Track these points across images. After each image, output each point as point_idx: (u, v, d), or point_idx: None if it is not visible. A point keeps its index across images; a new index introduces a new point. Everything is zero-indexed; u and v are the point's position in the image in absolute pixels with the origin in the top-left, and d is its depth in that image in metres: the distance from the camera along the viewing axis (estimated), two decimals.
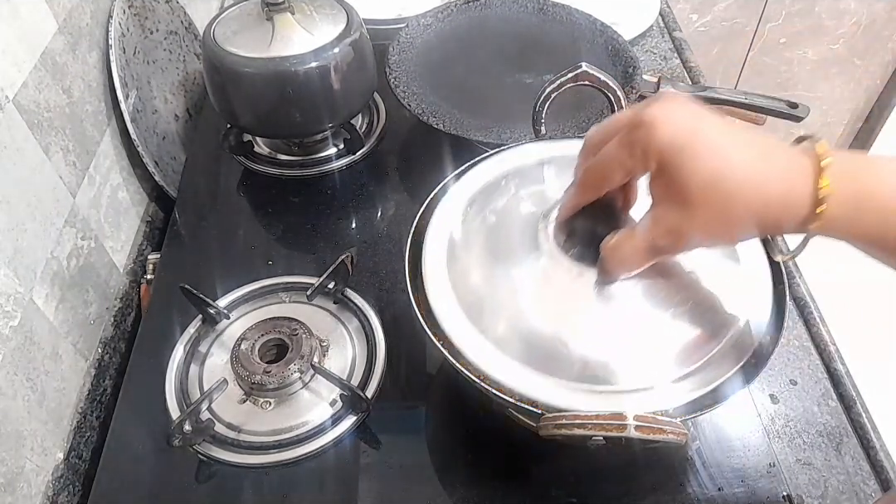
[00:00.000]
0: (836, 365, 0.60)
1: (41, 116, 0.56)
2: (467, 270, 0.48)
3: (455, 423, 0.56)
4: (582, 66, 0.52)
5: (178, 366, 0.57)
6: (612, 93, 0.53)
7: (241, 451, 0.53)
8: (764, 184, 0.36)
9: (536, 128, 0.56)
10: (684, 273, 0.45)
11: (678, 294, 0.44)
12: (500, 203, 0.51)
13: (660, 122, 0.36)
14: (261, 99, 0.67)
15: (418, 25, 0.83)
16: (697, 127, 0.36)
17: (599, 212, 0.43)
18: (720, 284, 0.46)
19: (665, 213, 0.38)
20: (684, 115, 0.37)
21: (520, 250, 0.46)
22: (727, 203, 0.36)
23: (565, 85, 0.52)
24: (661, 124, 0.36)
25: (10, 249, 0.51)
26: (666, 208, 0.38)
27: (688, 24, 1.63)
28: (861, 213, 0.35)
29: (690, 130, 0.36)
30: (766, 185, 0.36)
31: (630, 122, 0.37)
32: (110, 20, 0.69)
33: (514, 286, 0.46)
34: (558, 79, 0.52)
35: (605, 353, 0.43)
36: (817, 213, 0.35)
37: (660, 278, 0.44)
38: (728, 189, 0.36)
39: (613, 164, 0.39)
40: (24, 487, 0.51)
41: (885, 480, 0.53)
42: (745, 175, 0.36)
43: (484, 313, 0.45)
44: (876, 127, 1.88)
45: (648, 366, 0.43)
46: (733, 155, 0.36)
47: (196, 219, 0.72)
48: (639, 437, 0.36)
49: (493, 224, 0.49)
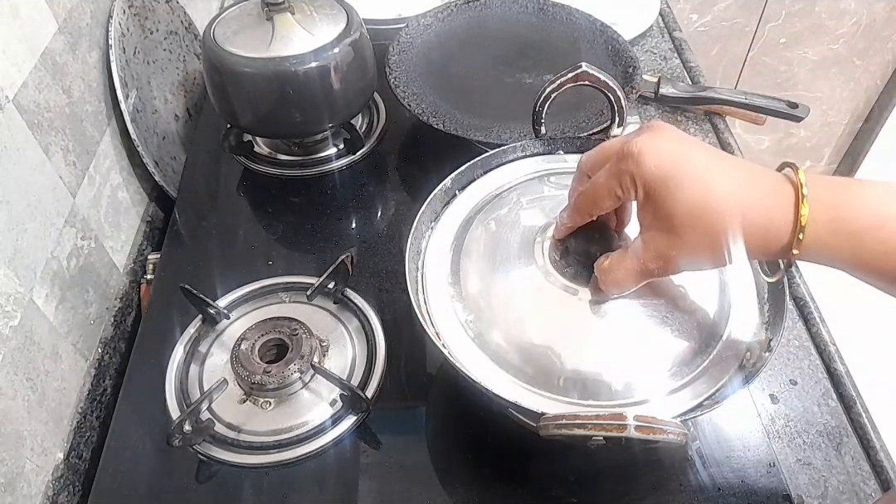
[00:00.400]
0: (836, 365, 0.60)
1: (41, 116, 0.56)
2: (466, 280, 0.49)
3: (455, 423, 0.56)
4: (582, 66, 0.52)
5: (178, 366, 0.57)
6: (611, 93, 0.53)
7: (241, 451, 0.53)
8: (746, 213, 0.37)
9: (536, 127, 0.56)
10: (675, 284, 0.46)
11: (670, 305, 0.45)
12: (500, 213, 0.52)
13: (646, 153, 0.38)
14: (261, 99, 0.67)
15: (418, 25, 0.83)
16: (682, 157, 0.38)
17: (593, 232, 0.45)
18: (712, 292, 0.47)
19: (653, 238, 0.40)
20: (670, 145, 0.38)
21: (517, 264, 0.48)
22: (710, 230, 0.37)
23: (565, 85, 0.52)
24: (646, 155, 0.38)
25: (9, 249, 0.51)
26: (654, 234, 0.40)
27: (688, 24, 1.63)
28: (840, 240, 0.36)
29: (675, 161, 0.38)
30: (748, 214, 0.37)
31: (619, 153, 0.39)
32: (110, 20, 0.69)
33: (510, 301, 0.47)
34: (558, 79, 0.52)
35: (599, 367, 0.44)
36: (798, 239, 0.36)
37: (651, 292, 0.45)
38: (711, 218, 0.37)
39: (602, 192, 0.41)
40: (24, 487, 0.51)
41: (885, 480, 0.53)
42: (727, 204, 0.37)
43: (481, 326, 0.46)
44: (876, 127, 1.88)
45: (642, 379, 0.44)
46: (716, 184, 0.37)
47: (196, 219, 0.72)
48: (639, 437, 0.36)
49: (493, 235, 0.50)
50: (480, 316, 0.47)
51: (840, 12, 1.65)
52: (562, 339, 0.45)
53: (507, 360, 0.45)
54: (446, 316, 0.47)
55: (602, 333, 0.45)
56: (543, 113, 0.55)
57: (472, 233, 0.51)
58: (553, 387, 0.44)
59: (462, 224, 0.53)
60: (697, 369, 0.44)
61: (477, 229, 0.51)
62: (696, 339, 0.45)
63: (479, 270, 0.49)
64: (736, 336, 0.46)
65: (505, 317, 0.46)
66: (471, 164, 0.55)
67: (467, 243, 0.51)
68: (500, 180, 0.56)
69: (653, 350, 0.44)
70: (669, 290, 0.46)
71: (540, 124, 0.56)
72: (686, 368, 0.44)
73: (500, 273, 0.48)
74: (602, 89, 0.53)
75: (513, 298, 0.47)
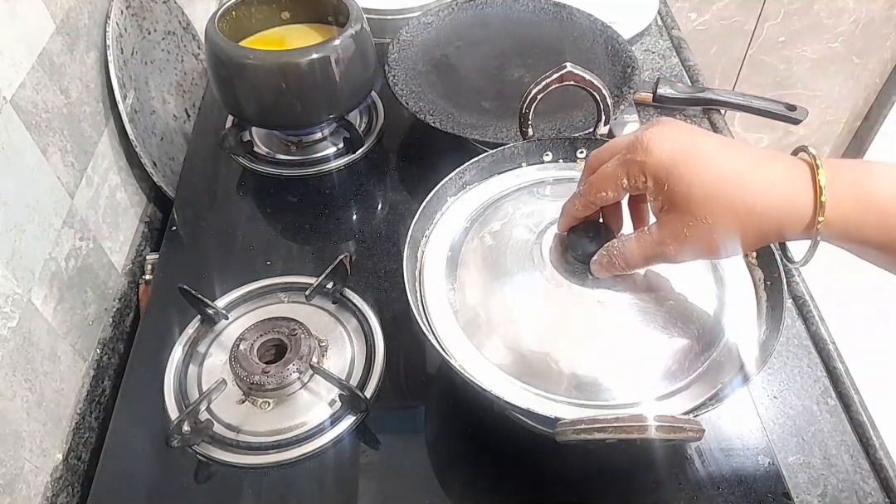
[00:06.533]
0: (835, 363, 0.60)
1: (39, 117, 0.56)
2: (464, 283, 0.49)
3: (454, 423, 0.56)
4: (567, 66, 0.51)
5: (177, 366, 0.57)
6: (597, 92, 0.53)
7: (240, 451, 0.52)
8: (765, 191, 0.37)
9: (523, 129, 0.56)
10: (673, 286, 0.46)
11: (670, 308, 0.45)
12: (498, 217, 0.52)
13: (656, 142, 0.38)
14: (264, 90, 0.68)
15: (419, 24, 0.83)
16: (693, 144, 0.38)
17: (596, 230, 0.45)
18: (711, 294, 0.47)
19: (671, 220, 0.39)
20: (680, 135, 0.38)
21: (515, 265, 0.48)
22: (729, 210, 0.37)
23: (551, 86, 0.52)
24: (657, 143, 0.38)
25: (8, 250, 0.51)
26: (671, 217, 0.39)
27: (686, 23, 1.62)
28: (862, 218, 0.36)
29: (686, 147, 0.38)
30: (767, 193, 0.37)
31: (628, 145, 0.40)
32: (108, 20, 0.69)
33: (508, 301, 0.47)
34: (543, 80, 0.52)
35: (599, 366, 0.44)
36: (819, 219, 0.36)
37: (652, 294, 0.45)
38: (730, 196, 0.37)
39: (609, 181, 0.41)
40: (23, 489, 0.51)
41: (884, 479, 0.53)
42: (746, 183, 0.37)
43: (478, 327, 0.47)
44: (875, 125, 1.88)
45: (642, 380, 0.44)
46: (732, 164, 0.37)
47: (194, 219, 0.72)
48: (659, 437, 0.36)
49: (491, 237, 0.50)
50: (478, 320, 0.47)
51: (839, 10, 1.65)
52: (562, 338, 0.44)
53: (506, 362, 0.45)
54: (443, 314, 0.47)
55: (603, 333, 0.45)
56: (530, 115, 0.54)
57: (470, 237, 0.51)
58: (553, 386, 0.43)
59: (460, 225, 0.52)
60: (698, 370, 0.44)
61: (474, 233, 0.51)
62: (696, 341, 0.45)
63: (476, 270, 0.49)
64: (736, 337, 0.46)
65: (504, 319, 0.46)
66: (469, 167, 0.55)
67: (465, 244, 0.51)
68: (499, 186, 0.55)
69: (653, 351, 0.44)
70: (669, 292, 0.46)
71: (527, 126, 0.55)
72: (687, 369, 0.44)
73: (498, 275, 0.48)
74: (587, 88, 0.53)
75: (511, 301, 0.47)
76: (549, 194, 0.54)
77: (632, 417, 0.36)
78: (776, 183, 0.37)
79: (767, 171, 0.37)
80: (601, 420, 0.37)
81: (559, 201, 0.46)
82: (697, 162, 0.37)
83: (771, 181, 0.37)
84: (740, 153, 0.38)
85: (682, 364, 0.44)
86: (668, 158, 0.38)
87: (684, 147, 0.38)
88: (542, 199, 0.54)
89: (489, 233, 0.51)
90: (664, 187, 0.38)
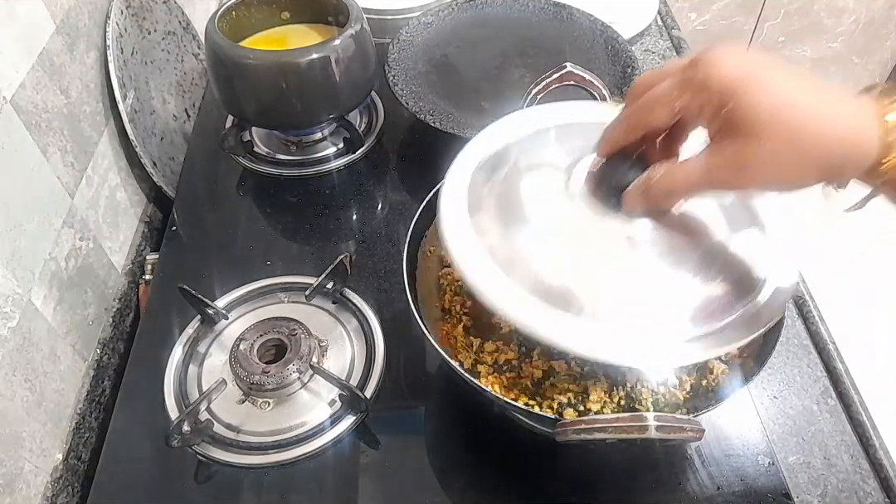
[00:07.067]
0: (835, 363, 0.60)
1: (39, 117, 0.56)
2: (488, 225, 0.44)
3: (454, 423, 0.56)
4: (566, 66, 0.51)
5: (177, 366, 0.57)
6: (597, 91, 0.53)
7: (240, 451, 0.52)
8: (832, 122, 0.34)
9: None
10: (709, 231, 0.43)
11: (704, 250, 0.42)
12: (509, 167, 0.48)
13: (720, 59, 0.35)
14: (264, 90, 0.68)
15: (419, 24, 0.83)
16: (759, 62, 0.35)
17: (634, 162, 0.41)
18: (749, 241, 0.44)
19: (727, 145, 0.36)
20: (744, 54, 0.36)
21: (543, 201, 0.44)
22: (794, 136, 0.34)
23: (551, 86, 0.52)
24: (722, 60, 0.35)
25: (8, 250, 0.51)
26: (728, 141, 0.36)
27: (686, 23, 1.63)
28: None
29: (752, 65, 0.35)
30: (834, 124, 0.34)
31: (687, 64, 0.36)
32: (108, 20, 0.69)
33: (533, 236, 0.43)
34: (543, 80, 0.52)
35: (623, 298, 0.41)
36: (883, 161, 0.34)
37: (684, 235, 0.42)
38: (797, 121, 0.34)
39: (664, 101, 0.37)
40: (24, 488, 0.51)
41: (884, 479, 0.53)
42: (814, 110, 0.34)
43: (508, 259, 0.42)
44: None
45: (668, 323, 0.41)
46: (802, 88, 0.35)
47: (194, 219, 0.72)
48: (659, 437, 0.36)
49: (509, 185, 0.46)
50: (509, 254, 0.43)
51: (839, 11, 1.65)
52: (589, 265, 0.42)
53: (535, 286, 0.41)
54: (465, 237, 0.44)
55: (630, 267, 0.42)
56: None
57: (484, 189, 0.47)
58: (573, 309, 0.40)
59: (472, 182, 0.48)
60: (731, 317, 0.41)
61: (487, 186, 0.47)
62: (731, 288, 0.42)
63: (503, 214, 0.45)
64: (774, 287, 0.43)
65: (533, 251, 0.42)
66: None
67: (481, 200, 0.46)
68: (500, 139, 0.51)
69: (682, 293, 0.41)
70: (705, 236, 0.42)
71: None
72: (719, 316, 0.41)
73: (524, 215, 0.44)
74: (587, 88, 0.53)
75: (536, 231, 0.43)
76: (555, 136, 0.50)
77: (632, 417, 0.36)
78: (843, 115, 0.34)
79: (838, 105, 0.35)
80: (601, 420, 0.37)
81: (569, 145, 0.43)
82: (766, 81, 0.34)
83: (841, 115, 0.34)
84: (810, 79, 0.35)
85: (714, 310, 0.41)
86: (734, 75, 0.34)
87: (752, 64, 0.35)
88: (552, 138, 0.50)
89: (505, 174, 0.47)
90: (726, 107, 0.35)
